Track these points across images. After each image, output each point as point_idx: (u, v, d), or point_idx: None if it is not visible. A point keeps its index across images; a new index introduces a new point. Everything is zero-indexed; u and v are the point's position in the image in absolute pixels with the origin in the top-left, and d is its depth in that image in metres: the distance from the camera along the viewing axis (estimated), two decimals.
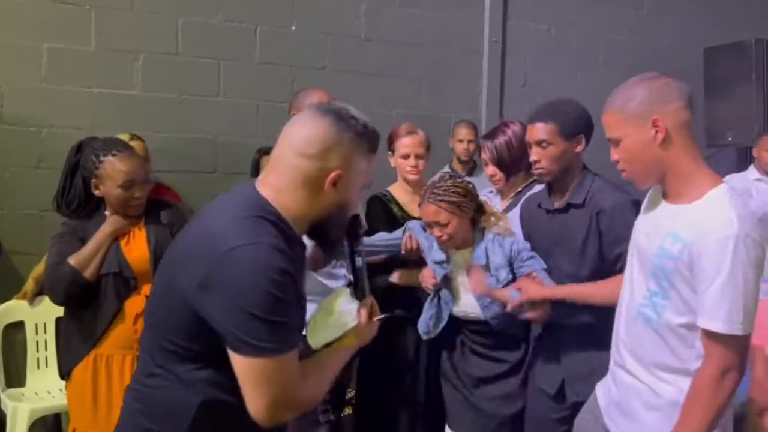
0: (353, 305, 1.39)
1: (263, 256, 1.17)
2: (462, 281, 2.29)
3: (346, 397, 2.89)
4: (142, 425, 1.30)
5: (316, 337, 1.38)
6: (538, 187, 2.39)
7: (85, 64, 3.41)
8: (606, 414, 1.76)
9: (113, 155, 2.13)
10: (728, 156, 4.88)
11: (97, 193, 2.16)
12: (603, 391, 1.81)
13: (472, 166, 3.91)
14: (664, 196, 1.62)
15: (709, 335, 1.47)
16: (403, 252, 2.47)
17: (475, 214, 2.29)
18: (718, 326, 1.44)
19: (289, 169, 1.28)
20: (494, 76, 4.35)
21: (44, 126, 3.34)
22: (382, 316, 1.45)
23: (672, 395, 1.56)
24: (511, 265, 2.25)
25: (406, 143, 2.65)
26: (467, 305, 2.28)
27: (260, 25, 3.75)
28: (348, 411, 3.05)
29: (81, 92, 3.41)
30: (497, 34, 4.34)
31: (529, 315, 2.12)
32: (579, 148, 2.14)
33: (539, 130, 2.11)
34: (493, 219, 2.29)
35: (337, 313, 1.37)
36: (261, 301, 1.14)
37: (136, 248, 2.20)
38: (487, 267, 2.24)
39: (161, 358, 1.28)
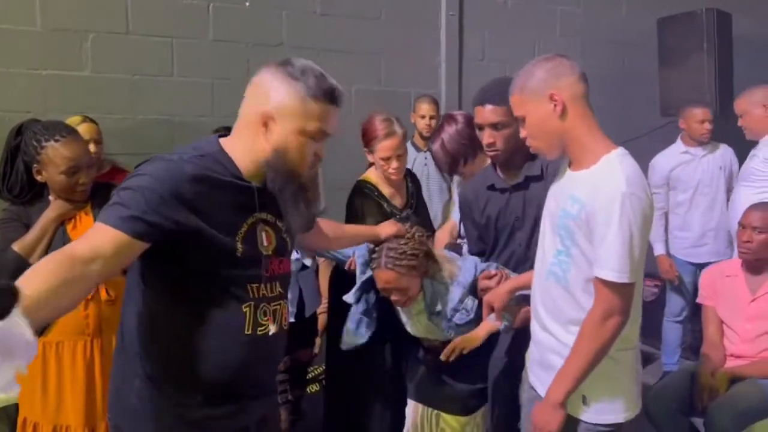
0: None
1: (161, 166, 1.35)
2: (420, 321, 2.30)
3: (310, 375, 2.91)
4: None
5: None
6: None
7: (31, 45, 3.30)
8: (531, 374, 1.89)
9: (56, 140, 2.05)
10: None
11: (39, 178, 2.09)
12: (529, 356, 1.93)
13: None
14: (569, 165, 1.76)
15: (600, 282, 1.61)
16: (346, 268, 2.44)
17: (427, 267, 2.21)
18: (608, 275, 1.58)
19: (239, 117, 1.46)
20: (452, 51, 4.35)
21: None
22: None
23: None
24: (475, 289, 2.23)
25: (385, 146, 2.56)
26: (438, 335, 2.29)
27: (213, 1, 3.68)
28: (315, 388, 3.07)
29: (29, 74, 3.31)
30: (454, 7, 4.34)
31: (517, 323, 2.12)
32: None
33: (492, 113, 2.12)
34: (442, 268, 2.23)
35: None
36: (127, 191, 1.32)
37: (83, 232, 2.15)
38: (443, 313, 2.21)
39: None
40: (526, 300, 2.01)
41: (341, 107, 1.46)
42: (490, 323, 2.15)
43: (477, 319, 2.22)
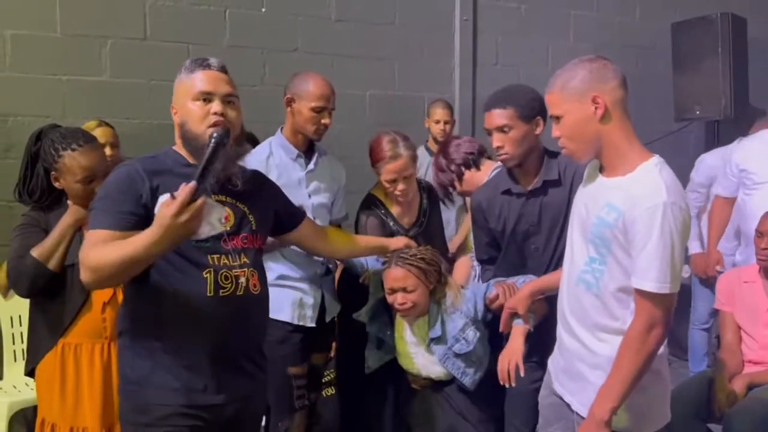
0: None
1: (119, 170, 1.67)
2: (417, 352, 2.31)
3: (326, 379, 2.92)
4: None
5: None
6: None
7: (51, 50, 3.34)
8: (556, 381, 1.86)
9: (72, 149, 2.07)
10: (696, 129, 4.97)
11: (57, 185, 2.11)
12: (552, 362, 1.92)
13: None
14: (601, 170, 1.74)
15: (641, 294, 1.59)
16: (361, 281, 2.46)
17: (437, 284, 2.24)
18: (649, 285, 1.57)
19: None
20: (466, 55, 4.34)
21: (10, 115, 3.27)
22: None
23: (608, 352, 1.67)
24: (477, 321, 2.24)
25: (390, 169, 2.51)
26: (431, 371, 2.30)
27: (229, 7, 3.70)
28: (330, 392, 3.07)
29: (48, 79, 3.34)
30: (468, 12, 4.33)
31: (528, 325, 2.11)
32: (538, 130, 2.18)
33: (499, 116, 2.14)
34: (450, 293, 2.24)
35: None
36: (99, 200, 1.64)
37: None
38: (443, 339, 2.23)
39: None
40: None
41: (220, 71, 1.70)
42: (520, 327, 2.12)
43: (475, 351, 2.22)
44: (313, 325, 2.44)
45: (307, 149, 2.50)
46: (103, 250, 1.52)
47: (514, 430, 2.31)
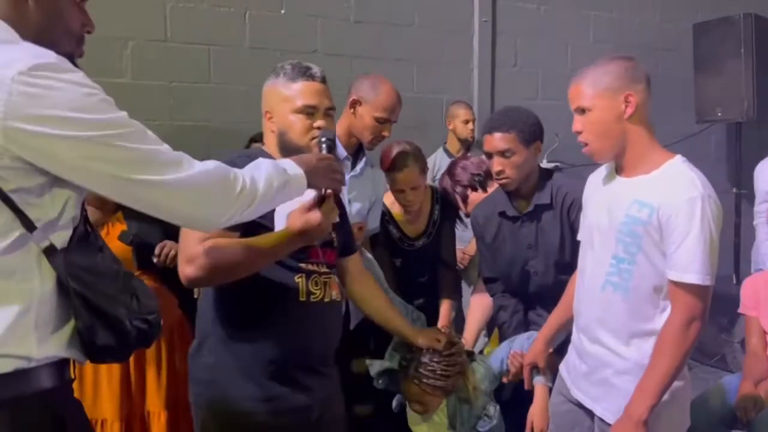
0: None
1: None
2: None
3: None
4: None
5: None
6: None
7: None
8: (575, 387, 1.83)
9: None
10: (717, 132, 4.93)
11: None
12: (567, 368, 1.89)
13: (468, 144, 3.90)
14: (618, 171, 1.74)
15: (681, 287, 1.58)
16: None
17: (457, 383, 2.09)
18: (691, 278, 1.56)
19: None
20: (485, 57, 4.32)
21: None
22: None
23: (636, 357, 1.67)
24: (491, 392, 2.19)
25: (399, 180, 2.49)
26: None
27: (249, 9, 3.70)
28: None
29: None
30: (487, 14, 4.32)
31: (549, 383, 2.09)
32: (537, 154, 2.19)
33: (501, 140, 2.13)
34: (468, 383, 2.12)
35: None
36: None
37: (114, 239, 2.22)
38: (465, 424, 2.14)
39: None
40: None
41: (322, 83, 1.66)
42: (542, 387, 2.09)
43: (499, 425, 2.17)
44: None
45: (355, 152, 2.45)
46: (220, 247, 1.45)
47: None
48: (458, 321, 2.78)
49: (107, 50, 3.42)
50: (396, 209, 2.63)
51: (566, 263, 2.13)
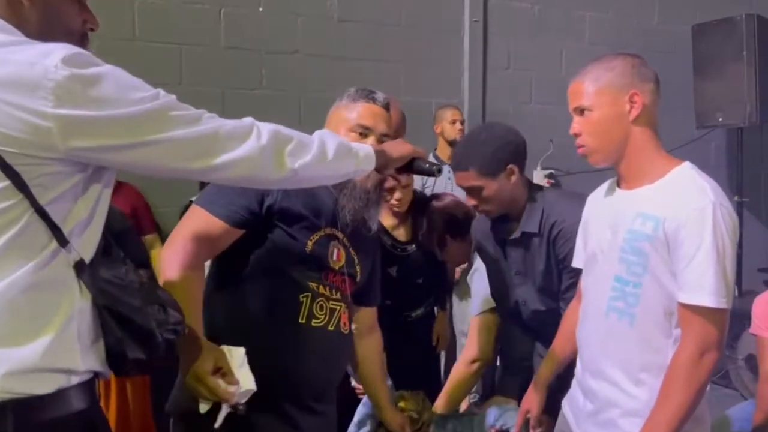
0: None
1: None
2: None
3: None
4: None
5: None
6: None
7: None
8: (579, 428, 1.67)
9: None
10: (718, 137, 4.85)
11: None
12: (570, 405, 1.73)
13: None
14: (619, 184, 1.62)
15: (692, 310, 1.41)
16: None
17: None
18: (704, 300, 1.39)
19: None
20: (476, 58, 4.22)
21: None
22: None
23: (647, 397, 1.50)
24: None
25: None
26: None
27: (225, 6, 3.56)
28: None
29: None
30: (478, 13, 4.22)
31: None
32: (513, 178, 1.98)
33: (462, 179, 2.01)
34: None
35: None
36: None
37: None
38: None
39: None
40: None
41: (383, 108, 1.65)
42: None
43: None
44: None
45: None
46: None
47: None
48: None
49: None
50: (383, 217, 2.49)
51: (554, 293, 2.02)
